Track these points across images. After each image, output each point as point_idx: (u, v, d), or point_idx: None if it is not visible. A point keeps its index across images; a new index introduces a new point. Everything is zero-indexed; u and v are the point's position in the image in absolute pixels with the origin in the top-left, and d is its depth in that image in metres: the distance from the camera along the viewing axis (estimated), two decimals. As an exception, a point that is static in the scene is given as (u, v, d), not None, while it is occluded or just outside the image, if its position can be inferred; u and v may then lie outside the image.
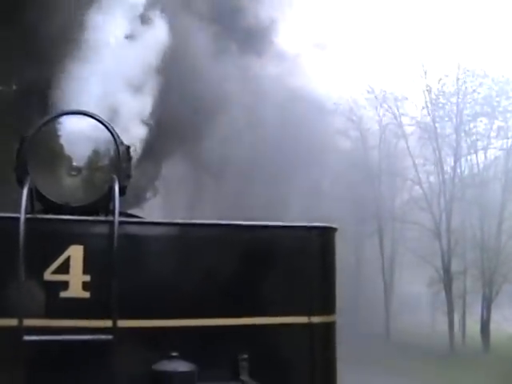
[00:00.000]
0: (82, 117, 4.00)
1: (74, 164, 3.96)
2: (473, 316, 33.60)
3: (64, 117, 4.00)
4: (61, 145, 4.00)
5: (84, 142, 3.97)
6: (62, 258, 3.55)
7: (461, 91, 34.55)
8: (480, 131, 35.50)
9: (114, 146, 3.97)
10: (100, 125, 3.98)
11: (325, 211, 31.30)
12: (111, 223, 3.59)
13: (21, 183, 3.70)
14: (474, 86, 34.67)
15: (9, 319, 3.32)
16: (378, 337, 34.11)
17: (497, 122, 35.16)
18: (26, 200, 3.51)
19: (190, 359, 3.58)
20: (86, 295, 3.57)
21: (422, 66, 34.75)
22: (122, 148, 4.01)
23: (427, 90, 34.97)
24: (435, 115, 34.99)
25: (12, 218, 3.43)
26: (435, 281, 33.35)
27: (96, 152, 4.00)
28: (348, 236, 35.46)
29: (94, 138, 3.99)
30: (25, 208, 3.44)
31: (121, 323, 3.47)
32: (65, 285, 3.54)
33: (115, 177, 3.81)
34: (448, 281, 32.70)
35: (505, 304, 34.92)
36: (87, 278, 3.58)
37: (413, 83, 35.31)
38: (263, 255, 4.06)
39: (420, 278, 36.19)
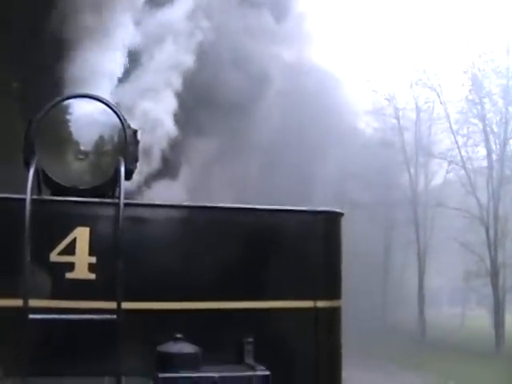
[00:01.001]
0: (90, 100, 4.12)
1: (82, 148, 4.08)
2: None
3: (72, 100, 4.12)
4: (68, 128, 4.12)
5: (92, 126, 4.09)
6: (68, 240, 3.67)
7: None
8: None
9: (121, 130, 4.08)
10: (108, 108, 4.09)
11: (353, 195, 31.12)
12: (117, 205, 3.69)
13: (28, 165, 3.83)
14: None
15: (15, 299, 3.43)
16: (408, 332, 32.97)
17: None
18: (32, 181, 3.64)
19: (195, 341, 3.68)
20: (92, 277, 3.70)
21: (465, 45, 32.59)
22: (129, 131, 4.12)
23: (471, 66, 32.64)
24: (481, 93, 32.55)
25: (18, 199, 3.55)
26: (481, 272, 30.14)
27: (103, 136, 4.12)
28: (377, 222, 35.13)
29: (102, 122, 4.11)
30: (31, 189, 3.56)
31: (125, 305, 3.57)
32: (70, 266, 3.67)
33: (121, 159, 3.92)
34: (494, 273, 29.70)
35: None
36: (93, 260, 3.71)
37: (456, 58, 33.56)
38: (269, 239, 4.15)
39: (458, 269, 35.14)
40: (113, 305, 3.57)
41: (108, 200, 3.96)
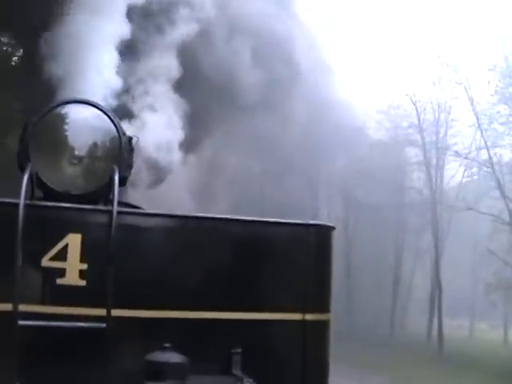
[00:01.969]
0: (86, 106, 4.23)
1: (76, 153, 4.19)
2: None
3: (67, 105, 4.23)
4: (63, 133, 4.24)
5: (86, 131, 4.21)
6: (60, 246, 3.77)
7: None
8: None
9: (116, 136, 4.19)
10: (103, 114, 4.20)
11: (365, 198, 30.70)
12: (110, 213, 3.81)
13: (22, 169, 3.95)
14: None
15: (4, 304, 3.54)
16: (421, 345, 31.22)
17: None
18: (26, 186, 3.75)
19: (183, 351, 3.79)
20: (83, 283, 3.80)
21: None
22: (124, 138, 4.24)
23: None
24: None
25: (11, 204, 3.66)
26: (501, 283, 27.41)
27: (98, 141, 4.23)
28: (388, 225, 34.52)
29: (97, 128, 4.22)
30: (24, 194, 3.67)
31: (115, 312, 3.68)
32: (61, 272, 3.77)
33: (116, 167, 4.03)
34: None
35: None
36: (84, 267, 3.81)
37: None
38: (260, 250, 4.28)
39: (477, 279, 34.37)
40: (102, 312, 3.68)
41: (101, 207, 4.07)
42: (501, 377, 22.22)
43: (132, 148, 4.37)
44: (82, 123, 4.22)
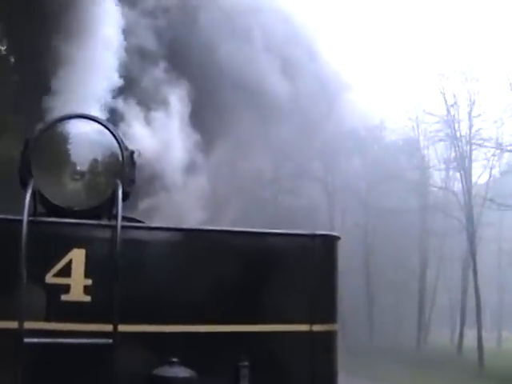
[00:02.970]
0: (87, 121, 4.34)
1: (78, 168, 4.29)
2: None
3: (69, 120, 4.34)
4: (65, 148, 4.34)
5: (88, 146, 4.31)
6: (64, 262, 3.86)
7: None
8: None
9: (118, 151, 4.29)
10: (104, 129, 4.31)
11: (383, 202, 30.23)
12: (114, 228, 3.90)
13: (24, 185, 4.05)
14: None
15: (10, 321, 3.63)
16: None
17: None
18: (29, 202, 3.85)
19: (191, 365, 3.86)
20: (87, 299, 3.87)
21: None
22: (126, 153, 4.34)
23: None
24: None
25: (14, 220, 3.75)
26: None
27: (100, 156, 4.33)
28: (411, 231, 33.96)
29: (99, 142, 4.32)
30: (27, 210, 3.76)
31: (121, 328, 3.76)
32: (66, 288, 3.85)
33: (119, 182, 4.14)
34: None
35: None
36: (89, 282, 3.89)
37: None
38: (266, 262, 4.34)
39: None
40: (108, 327, 3.76)
41: (105, 222, 4.17)
42: None
43: (134, 162, 4.46)
44: (84, 138, 4.32)
